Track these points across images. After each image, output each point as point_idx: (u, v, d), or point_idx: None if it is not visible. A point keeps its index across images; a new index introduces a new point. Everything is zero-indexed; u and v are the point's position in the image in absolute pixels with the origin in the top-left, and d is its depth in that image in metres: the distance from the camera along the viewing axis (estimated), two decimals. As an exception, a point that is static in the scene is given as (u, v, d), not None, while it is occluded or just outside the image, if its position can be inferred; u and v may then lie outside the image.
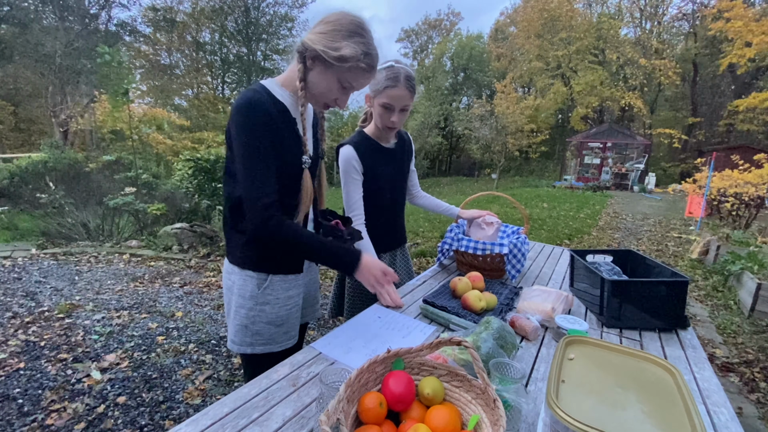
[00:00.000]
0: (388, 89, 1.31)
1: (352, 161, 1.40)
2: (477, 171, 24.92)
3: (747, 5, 10.88)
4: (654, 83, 19.83)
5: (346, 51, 0.92)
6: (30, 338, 2.53)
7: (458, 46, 27.84)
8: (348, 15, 0.95)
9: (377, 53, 0.98)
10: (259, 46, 24.88)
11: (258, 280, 1.06)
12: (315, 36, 0.94)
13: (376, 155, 1.47)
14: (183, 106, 22.47)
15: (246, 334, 1.07)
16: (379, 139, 1.48)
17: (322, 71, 0.96)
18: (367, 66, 0.96)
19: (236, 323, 1.08)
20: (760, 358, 2.58)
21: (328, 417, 0.54)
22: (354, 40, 0.93)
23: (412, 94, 1.36)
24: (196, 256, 4.49)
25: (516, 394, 0.68)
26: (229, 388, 2.10)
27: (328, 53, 0.92)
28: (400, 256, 1.67)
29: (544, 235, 6.31)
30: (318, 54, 0.93)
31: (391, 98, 1.32)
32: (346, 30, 0.93)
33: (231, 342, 1.10)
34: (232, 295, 1.10)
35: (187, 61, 23.47)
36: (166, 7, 20.98)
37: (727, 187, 6.43)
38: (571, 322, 1.04)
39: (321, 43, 0.92)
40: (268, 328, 1.08)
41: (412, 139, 1.68)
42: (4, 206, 5.87)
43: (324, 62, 0.94)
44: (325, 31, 0.93)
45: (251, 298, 1.06)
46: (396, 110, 1.35)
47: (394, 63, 1.31)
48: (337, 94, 1.00)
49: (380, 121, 1.40)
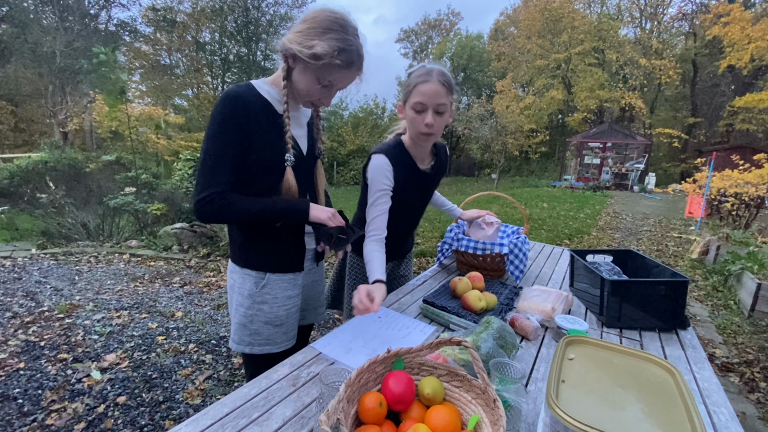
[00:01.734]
0: (420, 85, 1.15)
1: (384, 173, 1.23)
2: (477, 171, 24.90)
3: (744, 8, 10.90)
4: (654, 83, 19.82)
5: (318, 48, 0.90)
6: (30, 338, 2.53)
7: (458, 46, 27.82)
8: (325, 11, 0.94)
9: (357, 49, 0.96)
10: (259, 46, 24.88)
11: (256, 279, 1.07)
12: (292, 35, 0.94)
13: (409, 176, 1.30)
14: (183, 105, 22.47)
15: (245, 333, 1.08)
16: (416, 158, 1.31)
17: (301, 70, 0.96)
18: (344, 62, 0.93)
19: (236, 321, 1.09)
20: (760, 358, 2.58)
21: (328, 417, 0.54)
22: (328, 36, 0.91)
23: (449, 93, 1.17)
24: (196, 256, 4.49)
25: (516, 394, 0.68)
26: (229, 388, 2.10)
27: (303, 52, 0.91)
28: (404, 265, 1.63)
29: (544, 235, 6.31)
30: (295, 53, 0.93)
31: (422, 95, 1.14)
32: (321, 27, 0.92)
33: (231, 340, 1.12)
34: (233, 294, 1.11)
35: (187, 61, 23.46)
36: (166, 7, 20.97)
37: (727, 187, 6.44)
38: (571, 322, 1.05)
39: (296, 42, 0.92)
40: (267, 328, 1.08)
41: (448, 154, 1.50)
42: (4, 206, 5.86)
43: (302, 61, 0.93)
44: (301, 30, 0.93)
45: (249, 296, 1.07)
46: (430, 109, 1.16)
47: (426, 64, 1.19)
48: (318, 92, 0.99)
49: (413, 128, 1.21)
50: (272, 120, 1.00)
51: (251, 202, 0.98)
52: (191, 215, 5.35)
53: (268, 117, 0.99)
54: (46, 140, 11.41)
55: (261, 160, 0.99)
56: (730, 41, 9.54)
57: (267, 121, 0.99)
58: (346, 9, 0.97)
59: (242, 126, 0.94)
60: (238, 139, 0.94)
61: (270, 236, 1.07)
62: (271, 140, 1.00)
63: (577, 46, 19.72)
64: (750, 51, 9.13)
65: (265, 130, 0.98)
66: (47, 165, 5.89)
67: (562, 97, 20.58)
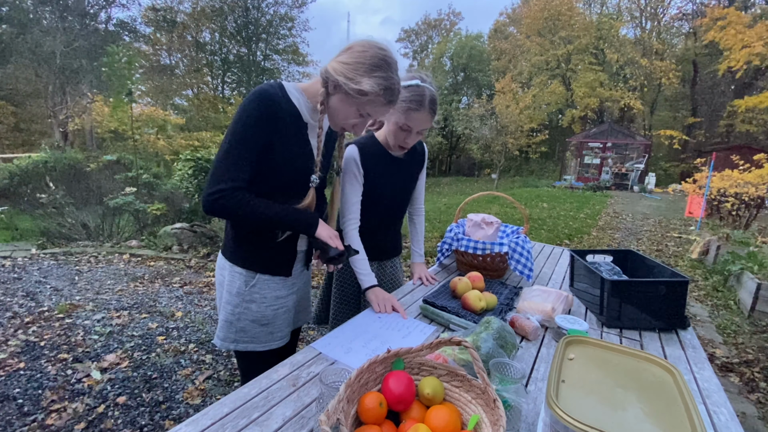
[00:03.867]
0: (411, 111, 1.22)
1: (352, 163, 1.32)
2: (477, 171, 24.91)
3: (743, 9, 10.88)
4: (654, 84, 19.83)
5: (366, 86, 0.92)
6: (30, 338, 2.53)
7: (458, 45, 27.81)
8: (374, 47, 0.95)
9: (399, 87, 0.99)
10: (259, 46, 24.88)
11: (246, 278, 1.07)
12: (338, 65, 0.94)
13: (381, 162, 1.37)
14: (183, 106, 22.46)
15: (230, 330, 1.08)
16: (388, 147, 1.39)
17: (342, 99, 0.96)
18: (386, 100, 0.97)
19: (222, 318, 1.09)
20: (760, 358, 2.58)
21: (328, 417, 0.54)
22: (376, 74, 0.92)
23: (433, 117, 1.27)
24: (196, 256, 4.49)
25: (516, 394, 0.69)
26: (229, 388, 2.10)
27: (349, 85, 0.92)
28: (389, 267, 1.59)
29: (544, 235, 6.31)
30: (339, 84, 0.94)
31: (411, 121, 1.24)
32: (369, 64, 0.92)
33: (216, 337, 1.10)
34: (222, 290, 1.11)
35: (187, 61, 23.46)
36: (166, 7, 20.97)
37: (727, 187, 6.43)
38: (571, 322, 1.05)
39: (343, 74, 0.93)
40: (253, 326, 1.08)
41: (426, 149, 1.56)
42: (4, 206, 5.86)
43: (344, 92, 0.94)
44: (348, 62, 0.93)
45: (238, 294, 1.07)
46: (413, 132, 1.28)
47: (419, 81, 1.21)
48: (354, 121, 1.01)
49: (393, 139, 1.32)
50: (297, 128, 1.01)
51: (265, 206, 0.97)
52: (191, 215, 5.35)
53: (294, 124, 1.00)
54: (46, 140, 11.41)
55: (282, 170, 1.00)
56: (729, 42, 9.54)
57: (293, 128, 0.99)
58: (388, 42, 0.99)
59: (270, 129, 0.95)
60: (263, 141, 0.95)
61: (265, 238, 1.06)
62: (296, 148, 1.01)
63: (575, 41, 19.71)
64: (744, 55, 9.14)
65: (290, 133, 0.99)
66: (47, 165, 5.89)
67: (562, 93, 20.55)
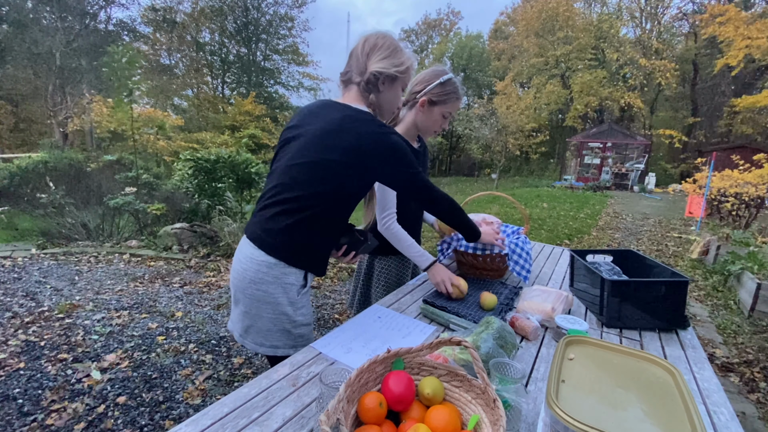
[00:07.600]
0: (455, 101, 1.39)
1: None
2: (477, 171, 24.91)
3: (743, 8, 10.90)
4: (654, 83, 19.83)
5: (407, 62, 1.11)
6: (30, 338, 2.53)
7: (458, 46, 27.82)
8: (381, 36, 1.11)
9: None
10: (259, 46, 24.86)
11: (302, 283, 1.09)
12: (383, 63, 1.09)
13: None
14: (183, 106, 22.44)
15: (289, 338, 1.09)
16: (409, 139, 1.47)
17: (390, 88, 1.12)
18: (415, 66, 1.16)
19: (277, 329, 1.07)
20: (760, 358, 2.58)
21: (328, 417, 0.54)
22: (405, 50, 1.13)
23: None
24: (196, 256, 4.49)
25: (516, 394, 0.68)
26: (229, 388, 2.10)
27: (399, 69, 1.09)
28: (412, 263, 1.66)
29: (544, 235, 6.31)
30: (391, 74, 1.09)
31: (453, 109, 1.40)
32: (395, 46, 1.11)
33: (272, 347, 1.08)
34: (266, 305, 1.06)
35: (186, 61, 23.44)
36: (166, 7, 20.96)
37: (727, 187, 6.44)
38: (571, 322, 1.05)
39: (393, 65, 1.09)
40: (307, 329, 1.13)
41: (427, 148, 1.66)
42: (4, 206, 5.86)
43: (392, 79, 1.10)
44: (386, 56, 1.09)
45: (291, 304, 1.07)
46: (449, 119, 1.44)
47: (451, 75, 1.38)
48: (400, 101, 1.18)
49: (433, 126, 1.43)
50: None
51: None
52: (191, 215, 5.35)
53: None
54: (46, 140, 11.40)
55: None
56: (725, 40, 9.58)
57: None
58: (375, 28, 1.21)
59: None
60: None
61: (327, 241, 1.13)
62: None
63: (574, 41, 19.70)
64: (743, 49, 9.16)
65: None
66: (47, 165, 5.88)
67: (561, 92, 20.55)
